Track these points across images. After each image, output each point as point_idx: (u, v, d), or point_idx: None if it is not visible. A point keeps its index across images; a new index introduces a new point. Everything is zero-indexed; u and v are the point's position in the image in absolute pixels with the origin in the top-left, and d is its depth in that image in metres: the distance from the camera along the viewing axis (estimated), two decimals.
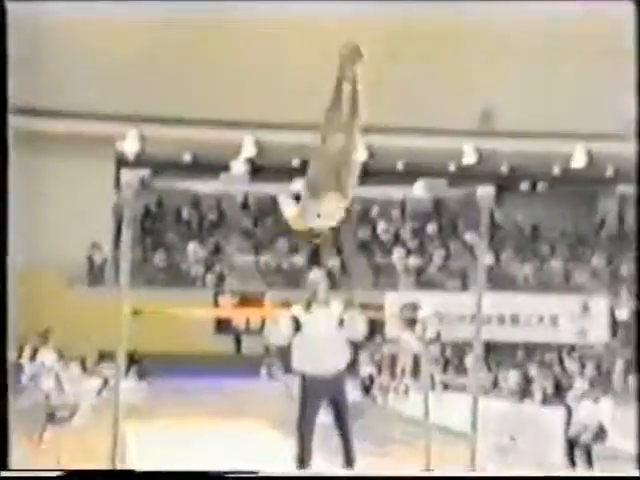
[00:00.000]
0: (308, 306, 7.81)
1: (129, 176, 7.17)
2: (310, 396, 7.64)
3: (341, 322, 7.79)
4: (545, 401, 14.03)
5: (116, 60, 21.14)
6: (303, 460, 7.53)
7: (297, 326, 7.78)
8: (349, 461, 7.60)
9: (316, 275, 7.99)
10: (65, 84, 20.72)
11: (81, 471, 5.70)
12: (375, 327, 15.46)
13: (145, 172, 23.56)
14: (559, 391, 14.24)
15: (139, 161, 23.95)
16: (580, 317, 20.96)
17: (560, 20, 22.41)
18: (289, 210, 6.65)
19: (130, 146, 23.35)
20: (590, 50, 22.21)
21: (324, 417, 7.72)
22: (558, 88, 21.99)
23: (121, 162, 23.57)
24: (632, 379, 16.73)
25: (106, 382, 14.14)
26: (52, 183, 20.85)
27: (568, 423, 12.14)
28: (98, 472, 5.77)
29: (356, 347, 9.64)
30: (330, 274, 20.36)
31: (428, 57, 22.15)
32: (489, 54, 22.15)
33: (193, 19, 21.17)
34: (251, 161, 24.19)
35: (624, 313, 20.61)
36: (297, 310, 7.84)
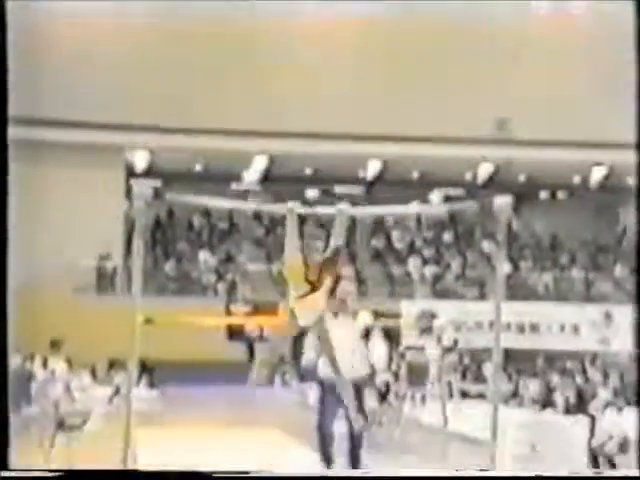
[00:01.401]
0: (335, 315, 7.96)
1: (141, 187, 7.08)
2: (329, 402, 7.95)
3: (365, 334, 7.99)
4: (568, 410, 13.66)
5: (125, 69, 21.00)
6: (328, 461, 7.83)
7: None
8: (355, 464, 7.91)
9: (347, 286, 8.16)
10: (74, 94, 20.55)
11: (82, 471, 5.45)
12: (392, 335, 15.20)
13: (156, 182, 23.33)
14: (582, 400, 13.87)
15: (149, 171, 23.77)
16: (603, 326, 20.56)
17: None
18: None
19: (140, 156, 23.19)
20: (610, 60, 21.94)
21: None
22: (576, 97, 21.71)
23: (131, 172, 23.37)
24: None
25: (117, 390, 13.89)
26: (63, 192, 20.66)
27: (592, 433, 11.85)
28: (100, 472, 5.51)
29: None
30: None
31: (442, 64, 21.92)
32: (505, 62, 21.92)
33: (201, 29, 21.06)
34: (263, 170, 24.00)
35: None
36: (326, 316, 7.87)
